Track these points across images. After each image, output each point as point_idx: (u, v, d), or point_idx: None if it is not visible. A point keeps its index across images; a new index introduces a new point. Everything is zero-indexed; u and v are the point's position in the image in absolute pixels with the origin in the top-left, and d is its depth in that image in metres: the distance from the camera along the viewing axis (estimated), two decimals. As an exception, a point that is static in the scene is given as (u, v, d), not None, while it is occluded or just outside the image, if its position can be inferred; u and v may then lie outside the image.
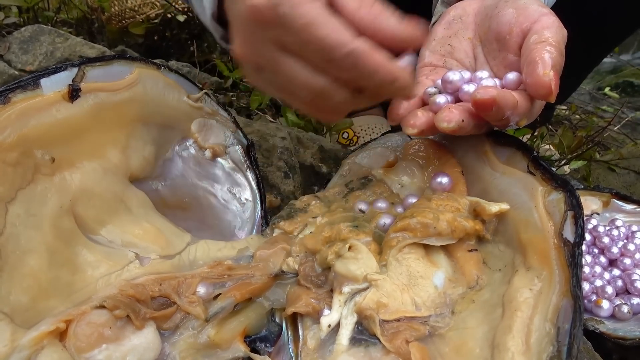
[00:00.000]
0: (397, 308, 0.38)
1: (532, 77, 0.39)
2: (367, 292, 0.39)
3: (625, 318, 0.53)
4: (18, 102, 0.42)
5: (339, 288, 0.40)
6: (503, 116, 0.40)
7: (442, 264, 0.43)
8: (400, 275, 0.40)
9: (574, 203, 0.39)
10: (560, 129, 0.99)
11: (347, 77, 0.37)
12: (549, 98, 0.39)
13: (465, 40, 0.49)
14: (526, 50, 0.42)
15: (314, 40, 0.35)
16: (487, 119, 0.42)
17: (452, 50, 0.49)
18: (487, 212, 0.43)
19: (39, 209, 0.41)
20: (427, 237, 0.42)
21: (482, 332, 0.36)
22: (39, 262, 0.39)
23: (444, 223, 0.41)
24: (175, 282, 0.43)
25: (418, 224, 0.41)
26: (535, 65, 0.39)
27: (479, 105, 0.39)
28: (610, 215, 0.69)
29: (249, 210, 0.56)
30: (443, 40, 0.49)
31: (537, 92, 0.39)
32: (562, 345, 0.31)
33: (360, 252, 0.41)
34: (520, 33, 0.43)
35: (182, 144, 0.56)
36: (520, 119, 0.42)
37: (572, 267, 0.35)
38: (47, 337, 0.36)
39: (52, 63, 0.89)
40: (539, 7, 0.44)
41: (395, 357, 0.36)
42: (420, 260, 0.42)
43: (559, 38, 0.41)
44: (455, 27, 0.50)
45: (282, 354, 0.42)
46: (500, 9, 0.46)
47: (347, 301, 0.40)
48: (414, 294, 0.40)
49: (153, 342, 0.39)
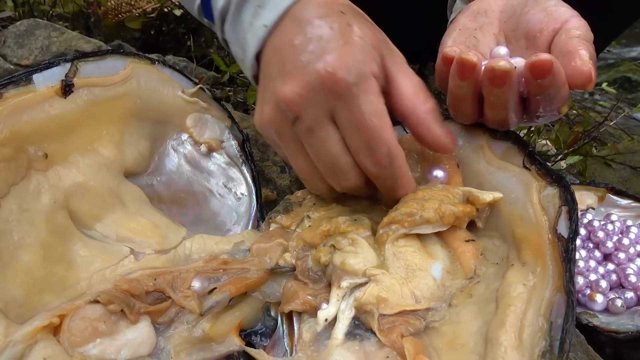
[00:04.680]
0: (397, 302, 0.39)
1: (570, 66, 0.39)
2: (367, 287, 0.39)
3: (618, 312, 0.53)
4: (10, 97, 0.42)
5: (338, 282, 0.40)
6: (553, 90, 0.39)
7: (440, 255, 0.43)
8: (399, 269, 0.40)
9: (568, 198, 0.39)
10: (557, 124, 0.99)
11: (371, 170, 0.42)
12: (587, 87, 0.39)
13: (490, 35, 0.49)
14: (559, 44, 0.42)
15: (366, 129, 0.40)
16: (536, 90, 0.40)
17: (477, 43, 0.49)
18: (480, 201, 0.43)
19: (32, 205, 0.41)
20: (417, 226, 0.42)
21: (476, 327, 0.36)
22: (33, 258, 0.39)
23: (430, 210, 0.41)
24: (170, 276, 0.43)
25: (403, 215, 0.41)
26: (573, 54, 0.39)
27: (537, 68, 0.38)
28: (605, 210, 0.69)
29: (245, 204, 0.56)
30: (467, 31, 0.49)
31: (575, 80, 0.39)
32: (555, 340, 0.31)
33: (360, 246, 0.41)
34: (552, 32, 0.44)
35: (177, 138, 0.56)
36: (563, 104, 0.41)
37: (565, 263, 0.35)
38: (41, 332, 0.36)
39: (48, 57, 0.89)
40: (568, 9, 0.45)
41: (389, 351, 0.37)
42: (417, 252, 0.42)
43: (590, 37, 0.42)
44: (481, 20, 0.50)
45: (277, 348, 0.42)
46: (530, 8, 0.46)
47: (346, 296, 0.40)
48: (413, 287, 0.40)
49: (147, 336, 0.39)
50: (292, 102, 0.41)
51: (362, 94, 0.40)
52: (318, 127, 0.42)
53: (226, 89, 1.03)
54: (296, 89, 0.41)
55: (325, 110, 0.41)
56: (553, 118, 0.44)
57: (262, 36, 0.45)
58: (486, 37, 0.49)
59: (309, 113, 0.41)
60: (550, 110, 0.42)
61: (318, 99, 0.40)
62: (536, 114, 0.43)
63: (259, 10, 0.45)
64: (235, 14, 0.48)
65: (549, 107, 0.41)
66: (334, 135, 0.42)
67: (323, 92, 0.40)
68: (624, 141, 1.11)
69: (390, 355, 0.36)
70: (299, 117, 0.42)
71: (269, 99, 0.43)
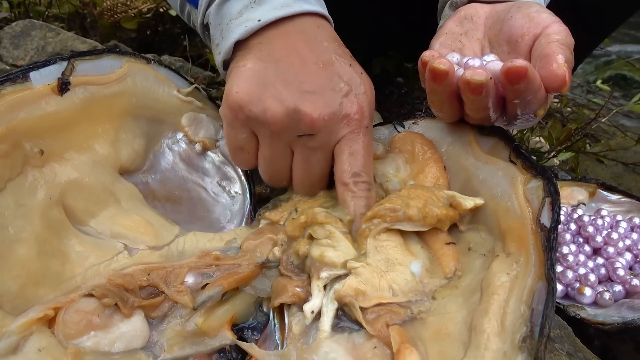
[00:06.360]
0: (374, 294, 0.39)
1: (546, 69, 0.40)
2: (346, 280, 0.40)
3: (606, 305, 0.54)
4: (7, 94, 0.43)
5: (317, 273, 0.41)
6: (528, 94, 0.40)
7: (420, 255, 0.44)
8: (379, 262, 0.41)
9: (551, 190, 0.40)
10: (550, 121, 1.00)
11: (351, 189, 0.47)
12: (562, 90, 0.41)
13: (474, 40, 0.51)
14: (538, 48, 0.43)
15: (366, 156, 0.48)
16: (512, 95, 0.41)
17: (462, 47, 0.50)
18: (462, 206, 0.44)
19: (28, 200, 0.42)
20: (398, 222, 0.43)
21: (461, 316, 0.37)
22: (28, 252, 0.40)
23: (414, 209, 0.42)
24: (163, 272, 0.44)
25: (387, 210, 0.42)
26: (549, 58, 0.41)
27: (512, 74, 0.39)
28: (596, 205, 0.70)
29: (239, 203, 0.56)
30: (454, 36, 0.51)
31: (550, 84, 0.41)
32: (535, 326, 0.32)
33: (337, 239, 0.42)
34: (533, 37, 0.45)
35: (172, 137, 0.56)
36: (539, 107, 0.42)
37: (547, 251, 0.36)
38: (36, 324, 0.36)
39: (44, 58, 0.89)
40: (550, 15, 0.46)
41: (377, 342, 0.37)
42: (398, 248, 0.42)
43: (569, 42, 0.43)
44: (467, 26, 0.52)
45: (268, 342, 0.43)
46: (513, 14, 0.48)
47: (327, 288, 0.41)
48: (391, 280, 0.41)
49: (141, 330, 0.40)
50: (315, 122, 0.45)
51: (368, 136, 0.48)
52: (321, 149, 0.47)
53: (221, 88, 1.04)
54: (323, 114, 0.46)
55: (335, 137, 0.47)
56: (531, 121, 0.45)
57: (252, 27, 0.48)
58: (471, 42, 0.51)
59: (323, 135, 0.47)
60: (527, 113, 0.43)
61: (336, 128, 0.47)
62: (514, 116, 0.44)
63: (254, 5, 0.48)
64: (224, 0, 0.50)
65: (526, 110, 0.43)
66: (329, 159, 0.48)
67: (342, 124, 0.46)
68: (616, 138, 1.12)
69: (377, 345, 0.37)
70: (312, 136, 0.46)
71: (282, 100, 0.46)
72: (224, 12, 0.50)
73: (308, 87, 0.46)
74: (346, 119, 0.46)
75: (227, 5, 0.50)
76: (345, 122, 0.46)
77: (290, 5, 0.48)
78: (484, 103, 0.43)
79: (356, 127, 0.47)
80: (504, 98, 0.43)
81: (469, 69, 0.41)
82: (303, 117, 0.45)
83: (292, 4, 0.48)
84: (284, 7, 0.48)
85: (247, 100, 0.46)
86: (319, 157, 0.48)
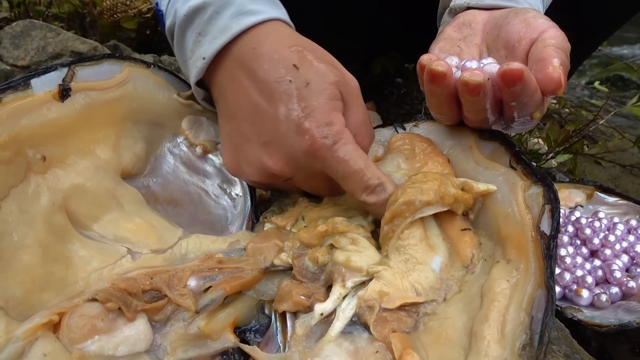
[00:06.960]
0: (398, 295, 0.40)
1: (542, 72, 0.41)
2: (370, 284, 0.40)
3: (603, 306, 0.55)
4: (9, 102, 0.43)
5: (342, 281, 0.41)
6: (525, 97, 0.41)
7: (440, 248, 0.44)
8: (400, 263, 0.42)
9: (551, 197, 0.40)
10: (549, 123, 1.01)
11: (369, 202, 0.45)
12: (557, 92, 0.41)
13: (472, 46, 0.52)
14: (535, 52, 0.44)
15: (357, 172, 0.44)
16: (509, 97, 0.42)
17: (461, 52, 0.51)
18: (474, 190, 0.44)
19: (31, 206, 0.42)
20: (417, 211, 0.42)
21: (462, 322, 0.37)
22: (33, 258, 0.40)
23: (430, 192, 0.42)
24: (166, 275, 0.44)
25: (402, 205, 0.42)
26: (544, 61, 0.41)
27: (508, 76, 0.39)
28: (593, 207, 0.70)
29: (240, 205, 0.57)
30: (452, 41, 0.52)
31: (546, 87, 0.41)
32: (535, 334, 0.33)
33: (362, 245, 0.43)
34: (529, 42, 0.46)
35: (173, 140, 0.57)
36: (536, 110, 0.43)
37: (547, 259, 0.36)
38: (41, 329, 0.37)
39: (44, 58, 0.89)
40: (546, 21, 0.47)
41: (380, 346, 0.38)
42: (419, 245, 0.43)
43: (565, 46, 0.44)
44: (465, 31, 0.53)
45: (270, 345, 0.43)
46: (510, 20, 0.48)
47: (349, 295, 0.41)
48: (413, 280, 0.41)
49: (144, 333, 0.40)
50: (281, 172, 0.47)
51: (343, 147, 0.44)
52: (311, 179, 0.48)
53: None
54: (282, 162, 0.46)
55: (314, 169, 0.46)
56: (528, 124, 0.46)
57: (202, 67, 0.48)
58: (469, 47, 0.52)
59: (300, 174, 0.47)
60: (523, 116, 0.44)
61: (306, 165, 0.46)
62: (511, 119, 0.45)
63: (199, 39, 0.48)
64: (180, 35, 0.50)
65: (522, 112, 0.43)
66: (327, 178, 0.47)
67: (310, 159, 0.45)
68: (614, 139, 1.13)
69: (379, 350, 0.37)
70: (291, 178, 0.48)
71: (252, 162, 0.48)
72: (183, 50, 0.51)
73: (264, 137, 0.47)
74: (310, 151, 0.44)
75: (184, 41, 0.50)
76: (311, 154, 0.44)
77: (229, 28, 0.47)
78: (482, 104, 0.43)
79: (327, 152, 0.43)
80: (501, 101, 0.44)
81: (467, 71, 0.42)
82: (272, 170, 0.47)
83: (230, 25, 0.47)
84: (223, 32, 0.47)
85: (234, 171, 0.52)
86: (317, 183, 0.48)
